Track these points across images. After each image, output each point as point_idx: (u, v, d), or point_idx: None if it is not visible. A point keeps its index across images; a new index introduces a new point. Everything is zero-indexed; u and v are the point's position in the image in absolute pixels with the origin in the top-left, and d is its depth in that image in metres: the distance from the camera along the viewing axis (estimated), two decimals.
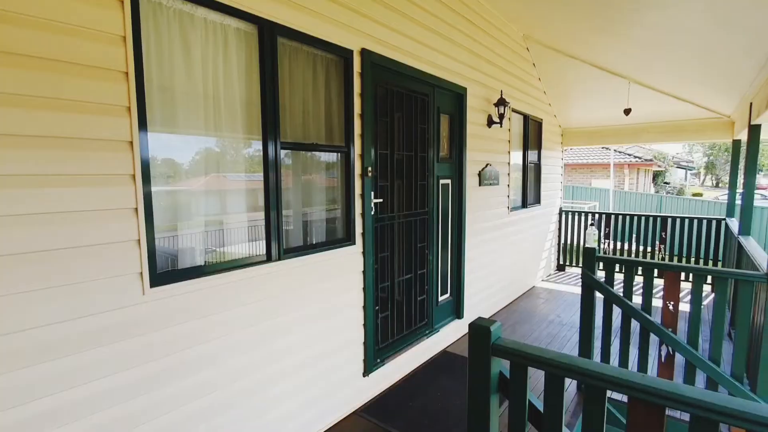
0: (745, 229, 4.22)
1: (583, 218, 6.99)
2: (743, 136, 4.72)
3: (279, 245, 2.18)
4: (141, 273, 1.68)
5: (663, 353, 2.90)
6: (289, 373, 2.32)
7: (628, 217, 6.90)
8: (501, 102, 4.12)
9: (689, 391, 1.19)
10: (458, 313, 3.94)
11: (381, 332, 3.03)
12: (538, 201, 5.87)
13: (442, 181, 3.58)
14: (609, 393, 1.35)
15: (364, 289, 2.79)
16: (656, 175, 25.10)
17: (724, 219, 5.78)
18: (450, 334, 3.84)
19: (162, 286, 1.74)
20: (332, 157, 2.62)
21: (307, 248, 2.41)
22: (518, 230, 5.26)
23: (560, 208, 6.99)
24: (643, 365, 2.87)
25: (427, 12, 3.20)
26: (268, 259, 2.15)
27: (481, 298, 4.42)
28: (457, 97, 3.74)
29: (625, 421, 1.30)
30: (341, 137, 2.61)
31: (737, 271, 2.77)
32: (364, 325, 2.82)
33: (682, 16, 3.29)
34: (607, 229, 6.99)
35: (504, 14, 4.29)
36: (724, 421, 1.10)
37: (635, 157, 18.24)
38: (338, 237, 2.64)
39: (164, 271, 1.78)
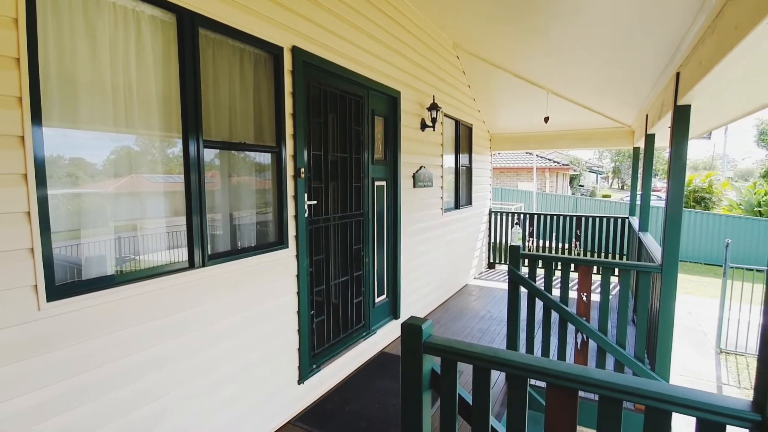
0: (644, 226, 4.77)
1: (510, 218, 7.45)
2: (641, 144, 5.34)
3: (203, 251, 2.04)
4: (35, 286, 1.48)
5: (579, 341, 3.17)
6: (216, 387, 2.18)
7: (549, 217, 7.48)
8: (433, 107, 4.26)
9: (597, 374, 1.31)
10: (395, 313, 3.99)
11: (317, 337, 2.97)
12: (469, 202, 6.15)
13: (377, 183, 3.61)
14: (531, 380, 1.44)
15: (298, 293, 2.72)
16: (572, 179, 27.54)
17: (628, 217, 6.49)
18: (387, 335, 3.87)
19: (62, 299, 1.55)
20: (263, 157, 2.52)
21: (236, 253, 2.28)
22: (451, 230, 5.46)
23: (490, 209, 7.39)
24: (562, 352, 3.11)
25: (359, 14, 3.21)
26: (191, 265, 2.00)
27: (417, 297, 4.52)
28: (391, 100, 3.80)
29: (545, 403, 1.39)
30: (272, 137, 2.52)
31: (637, 264, 3.12)
32: (299, 330, 2.74)
33: (589, 35, 3.64)
34: (531, 228, 7.51)
35: (435, 22, 4.44)
36: (626, 399, 1.22)
37: (554, 162, 19.89)
38: (270, 240, 2.54)
39: (65, 283, 1.59)
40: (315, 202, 2.87)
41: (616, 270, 4.45)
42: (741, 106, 3.69)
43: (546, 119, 5.72)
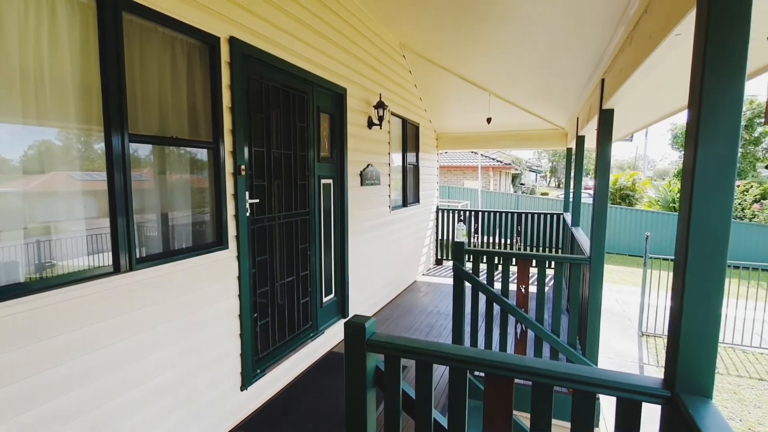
0: (576, 221, 5.12)
1: (457, 215, 7.68)
2: (573, 145, 5.73)
3: (130, 254, 1.89)
4: None
5: (518, 331, 3.33)
6: (148, 400, 2.03)
7: (492, 214, 7.81)
8: (380, 105, 4.27)
9: (530, 362, 1.37)
10: (344, 312, 3.96)
11: (261, 340, 2.87)
12: (417, 200, 6.26)
13: (323, 181, 3.56)
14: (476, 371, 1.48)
15: (239, 296, 2.60)
16: (514, 177, 29.00)
17: (562, 214, 6.94)
18: (336, 335, 3.83)
19: None
20: (200, 153, 2.38)
21: (169, 255, 2.14)
22: (400, 228, 5.53)
23: (437, 207, 7.57)
24: (503, 343, 3.25)
25: (303, 7, 3.13)
26: (116, 270, 1.84)
27: (367, 295, 4.53)
28: (337, 97, 3.75)
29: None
30: (209, 132, 2.38)
31: (569, 256, 3.34)
32: (241, 335, 2.63)
33: (525, 42, 3.83)
34: (476, 224, 7.80)
35: (382, 21, 4.45)
36: (555, 384, 1.29)
37: (498, 161, 20.82)
38: (208, 241, 2.41)
39: None
40: (258, 200, 2.76)
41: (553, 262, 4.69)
42: (657, 111, 4.07)
43: (488, 120, 5.95)
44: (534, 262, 3.27)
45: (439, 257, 7.62)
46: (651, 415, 1.31)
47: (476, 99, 5.93)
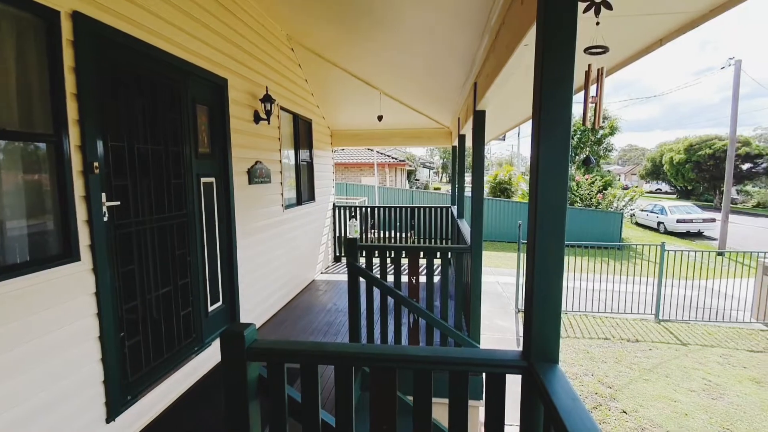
0: (460, 213, 5.56)
1: (349, 213, 7.75)
2: (457, 143, 6.20)
3: None
4: None
5: (411, 320, 3.49)
6: None
7: (388, 209, 8.08)
8: (267, 98, 4.07)
9: (412, 351, 1.43)
10: (234, 320, 3.70)
11: (131, 362, 2.52)
12: (312, 198, 6.15)
13: (204, 180, 3.26)
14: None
15: (99, 314, 2.24)
16: (409, 173, 30.48)
17: (450, 207, 7.48)
18: None
19: None
20: (38, 148, 1.97)
21: None
22: (295, 227, 5.37)
23: (334, 204, 7.55)
24: (398, 334, 3.37)
25: None
26: None
27: (261, 299, 4.30)
28: (216, 88, 3.47)
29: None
30: (47, 123, 1.99)
31: (453, 246, 3.60)
32: (103, 359, 2.27)
33: (409, 44, 4.00)
34: (372, 220, 7.98)
35: (266, 10, 4.24)
36: (433, 368, 1.37)
37: (392, 158, 21.63)
38: (52, 254, 2.02)
39: None
40: (119, 203, 2.41)
41: (439, 253, 5.02)
42: (520, 114, 4.61)
43: (379, 118, 6.11)
44: (422, 253, 3.45)
45: (337, 254, 7.62)
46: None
47: (368, 97, 6.04)
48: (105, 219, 2.27)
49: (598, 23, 1.07)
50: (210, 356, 3.32)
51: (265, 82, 4.29)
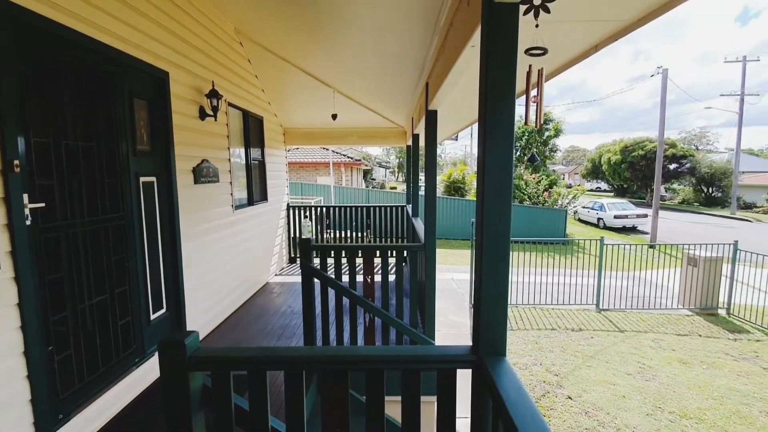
0: (415, 212, 5.63)
1: (303, 213, 7.61)
2: (411, 143, 6.27)
3: None
4: None
5: (366, 320, 3.48)
6: None
7: (344, 209, 8.02)
8: (213, 94, 3.89)
9: (365, 351, 1.42)
10: (180, 327, 3.50)
11: (63, 378, 2.31)
12: (265, 198, 5.97)
13: (143, 179, 3.05)
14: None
15: (23, 327, 2.03)
16: (366, 173, 30.50)
17: (406, 206, 7.56)
18: None
19: None
20: None
21: None
22: (246, 228, 5.19)
23: (288, 204, 7.38)
24: (353, 334, 3.35)
25: None
26: None
27: (211, 303, 4.11)
28: (157, 81, 3.26)
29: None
30: None
31: (407, 245, 3.63)
32: (29, 376, 2.06)
33: (361, 43, 3.99)
34: (328, 220, 7.89)
35: (212, 2, 4.05)
36: (385, 368, 1.36)
37: (349, 157, 21.53)
38: None
39: None
40: (43, 204, 2.19)
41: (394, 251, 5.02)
42: (470, 115, 4.74)
43: (334, 116, 6.04)
44: (377, 252, 3.45)
45: (292, 255, 7.46)
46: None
47: (322, 95, 5.95)
48: (28, 222, 2.06)
49: (537, 26, 1.11)
50: (153, 367, 3.12)
51: (211, 76, 4.10)
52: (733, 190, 29.43)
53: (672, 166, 34.19)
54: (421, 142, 5.53)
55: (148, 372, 3.06)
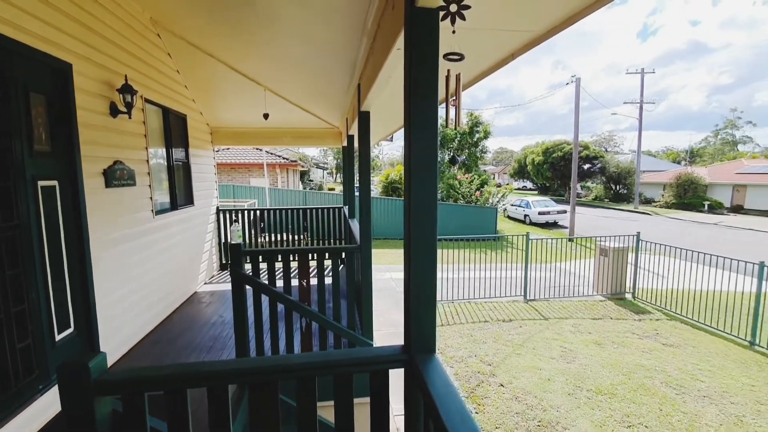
0: (351, 213, 5.62)
1: (230, 217, 7.25)
2: (346, 143, 6.25)
3: None
4: None
5: (303, 324, 3.40)
6: None
7: (280, 211, 7.77)
8: (127, 89, 3.56)
9: (296, 359, 1.37)
10: (93, 346, 3.16)
11: None
12: (190, 202, 5.59)
13: (42, 183, 2.70)
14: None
15: None
16: (303, 174, 29.90)
17: (343, 207, 7.51)
18: None
19: None
20: None
21: None
22: (170, 235, 4.82)
23: (218, 208, 6.98)
24: (290, 341, 3.25)
25: None
26: None
27: (128, 318, 3.75)
28: (58, 73, 2.90)
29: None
30: None
31: (342, 246, 3.61)
32: None
33: (290, 44, 3.88)
34: (263, 223, 7.60)
35: None
36: (317, 374, 1.33)
37: (284, 158, 20.94)
38: None
39: None
40: None
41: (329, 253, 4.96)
42: (400, 117, 4.82)
43: (266, 116, 5.83)
44: (312, 255, 3.38)
45: (223, 262, 7.07)
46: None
47: (252, 93, 5.71)
48: None
49: (454, 32, 1.15)
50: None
51: (124, 70, 3.75)
52: (636, 187, 33.24)
53: (586, 166, 37.71)
54: (356, 143, 5.54)
55: (54, 399, 2.71)
